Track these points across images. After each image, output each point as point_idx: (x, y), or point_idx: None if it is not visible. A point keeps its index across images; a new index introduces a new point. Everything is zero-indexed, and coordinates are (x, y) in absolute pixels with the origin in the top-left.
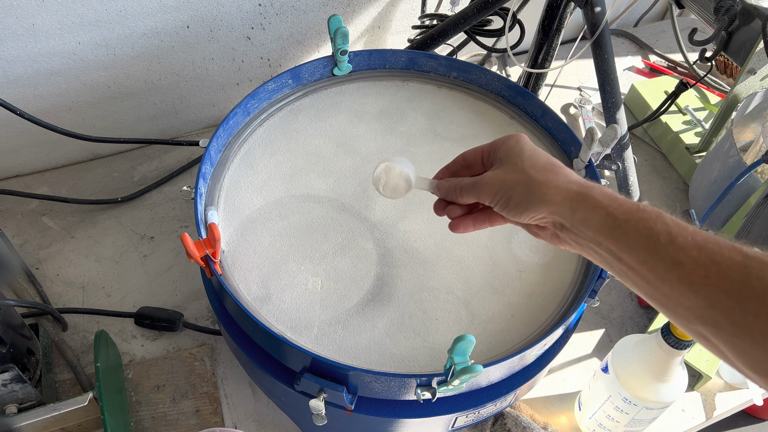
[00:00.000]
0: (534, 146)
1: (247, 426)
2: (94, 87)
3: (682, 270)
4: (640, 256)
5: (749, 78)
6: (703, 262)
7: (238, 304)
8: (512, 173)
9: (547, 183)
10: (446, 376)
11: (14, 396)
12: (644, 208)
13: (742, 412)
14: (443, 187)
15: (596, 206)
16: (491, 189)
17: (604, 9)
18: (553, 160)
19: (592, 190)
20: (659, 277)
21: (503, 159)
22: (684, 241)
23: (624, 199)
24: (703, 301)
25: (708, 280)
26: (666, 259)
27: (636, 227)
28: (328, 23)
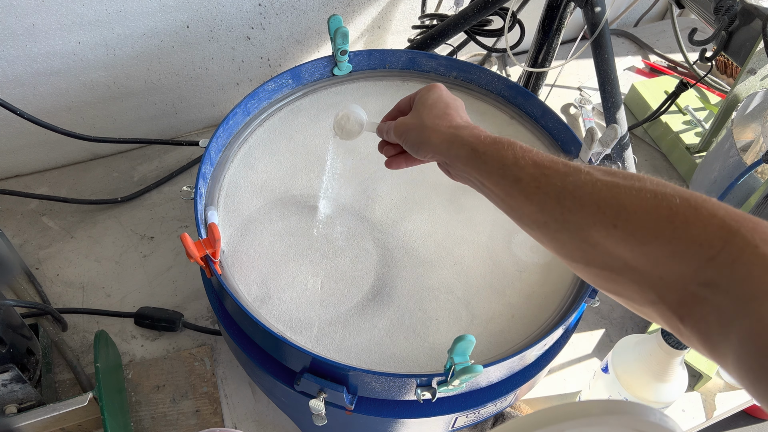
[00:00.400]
0: (440, 95)
1: (247, 426)
2: (94, 87)
3: (521, 184)
4: (493, 178)
5: (749, 78)
6: (536, 176)
7: (238, 304)
8: (413, 119)
9: (433, 128)
10: (446, 376)
11: (14, 396)
12: (499, 140)
13: (742, 412)
14: (379, 129)
15: (463, 144)
16: (398, 131)
17: (604, 9)
18: (450, 106)
19: (463, 130)
20: (508, 193)
21: (415, 105)
22: (524, 161)
23: (486, 135)
24: (536, 206)
25: (539, 189)
26: (510, 178)
27: (491, 156)
28: (328, 23)
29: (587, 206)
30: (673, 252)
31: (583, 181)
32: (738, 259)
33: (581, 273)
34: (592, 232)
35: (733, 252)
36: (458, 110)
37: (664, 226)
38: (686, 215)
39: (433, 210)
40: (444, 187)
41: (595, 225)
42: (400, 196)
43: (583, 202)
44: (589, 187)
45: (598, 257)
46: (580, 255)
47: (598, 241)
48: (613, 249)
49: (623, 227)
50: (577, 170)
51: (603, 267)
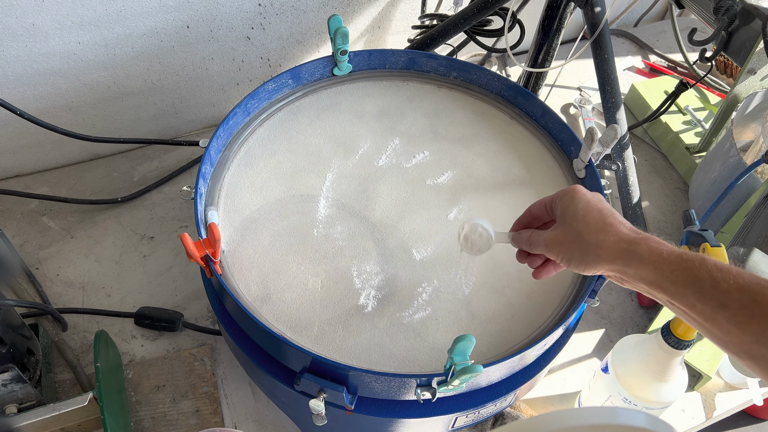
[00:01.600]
0: (588, 201)
1: (247, 426)
2: (94, 87)
3: (728, 311)
4: (689, 301)
5: (749, 78)
6: (746, 303)
7: (238, 304)
8: (568, 235)
9: (599, 245)
10: (446, 376)
11: (14, 396)
12: (687, 257)
13: (742, 412)
14: (517, 240)
15: (643, 263)
16: (553, 250)
17: (604, 9)
18: (605, 214)
19: (639, 246)
20: (708, 319)
21: (560, 217)
22: (727, 285)
23: (669, 251)
24: (750, 337)
25: (752, 318)
26: (712, 303)
27: (682, 277)
28: (328, 23)
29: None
30: None
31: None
32: None
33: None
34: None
35: None
36: (615, 217)
37: None
38: None
39: (433, 210)
40: (444, 187)
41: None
42: (400, 196)
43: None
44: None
45: None
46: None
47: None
48: None
49: None
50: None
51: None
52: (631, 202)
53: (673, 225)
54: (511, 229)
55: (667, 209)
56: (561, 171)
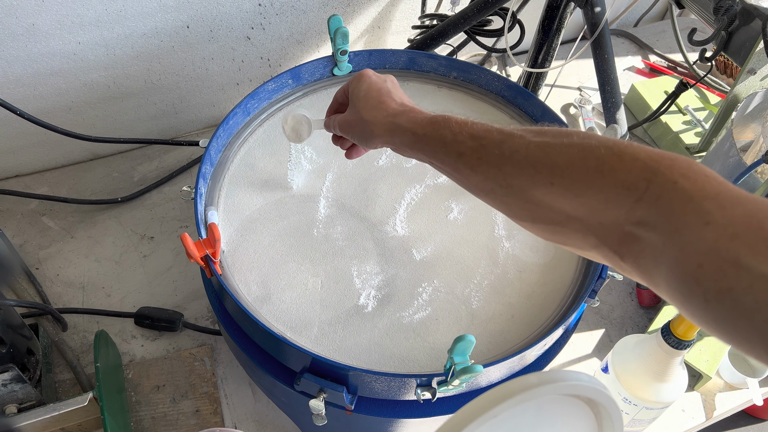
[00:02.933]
0: (371, 83)
1: (247, 426)
2: (94, 87)
3: (463, 158)
4: (438, 157)
5: (749, 78)
6: (475, 148)
7: (238, 304)
8: (352, 114)
9: (373, 121)
10: (446, 376)
11: (14, 396)
12: (435, 119)
13: (742, 412)
14: (327, 124)
15: (404, 132)
16: (345, 130)
17: (604, 9)
18: (382, 93)
19: (400, 117)
20: (454, 168)
21: (350, 99)
22: (462, 136)
23: (422, 117)
24: (481, 176)
25: (480, 160)
26: (453, 154)
27: (431, 137)
28: (328, 23)
29: (525, 169)
30: (606, 198)
31: (518, 145)
32: (660, 196)
33: (530, 229)
34: (533, 192)
35: (656, 190)
36: (391, 94)
37: (594, 176)
38: (612, 163)
39: (433, 210)
40: (444, 187)
41: (535, 185)
42: (400, 196)
43: (521, 165)
44: (524, 151)
45: (542, 214)
46: (526, 214)
47: (540, 199)
48: (554, 204)
49: (559, 183)
50: (512, 135)
51: (548, 222)
52: None
53: None
54: (326, 116)
55: None
56: None
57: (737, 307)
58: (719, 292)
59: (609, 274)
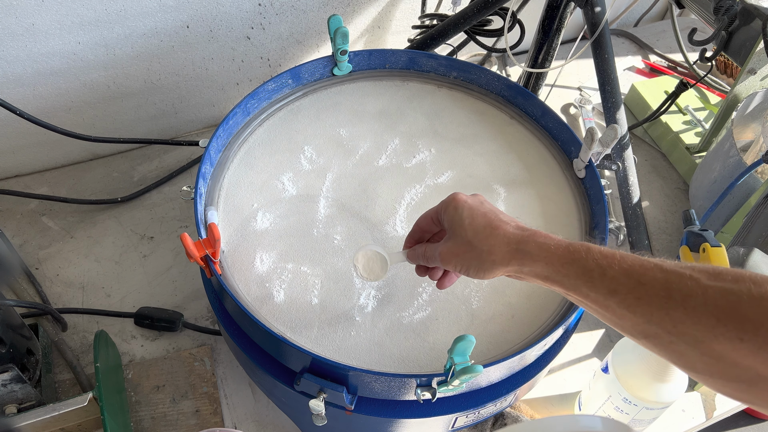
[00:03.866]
0: (471, 208)
1: (247, 426)
2: (94, 87)
3: (617, 296)
4: (582, 291)
5: (749, 78)
6: (632, 286)
7: (238, 304)
8: (461, 246)
9: (491, 250)
10: (446, 376)
11: (14, 396)
12: (573, 248)
13: (742, 412)
14: (413, 256)
15: (534, 260)
16: (449, 262)
17: (604, 9)
18: (490, 218)
19: (528, 245)
20: (602, 306)
21: (449, 229)
22: (613, 271)
23: (556, 245)
24: (641, 318)
25: (640, 300)
26: (603, 291)
27: (572, 269)
28: (328, 23)
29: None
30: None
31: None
32: None
33: (707, 384)
34: (714, 345)
35: None
36: (500, 218)
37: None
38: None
39: None
40: (444, 187)
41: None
42: (400, 196)
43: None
44: (700, 297)
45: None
46: (702, 367)
47: (722, 354)
48: (742, 361)
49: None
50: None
51: (732, 378)
52: (631, 202)
53: (673, 225)
54: (404, 247)
55: (667, 209)
56: (561, 171)
57: None
58: None
59: None
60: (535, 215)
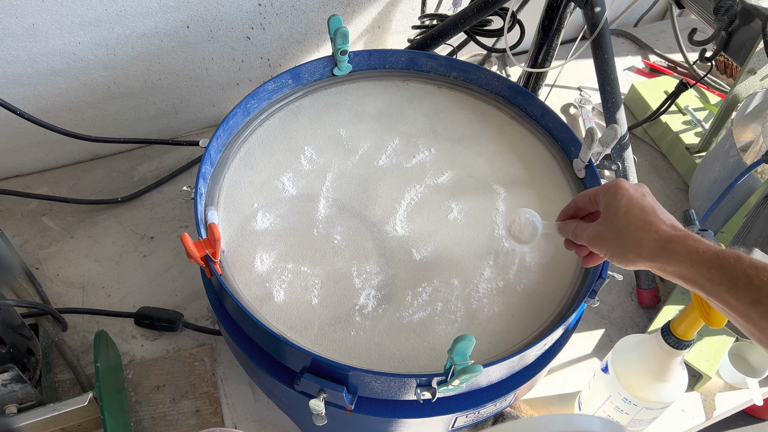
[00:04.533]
0: (630, 198)
1: (247, 426)
2: (94, 87)
3: (760, 308)
4: (723, 298)
5: (749, 78)
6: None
7: (238, 304)
8: (610, 232)
9: (639, 243)
10: (446, 376)
11: (14, 396)
12: (723, 254)
13: (742, 412)
14: (563, 230)
15: (680, 261)
16: (596, 244)
17: (604, 9)
18: (647, 212)
19: (676, 245)
20: (742, 315)
21: (604, 212)
22: (760, 282)
23: (705, 249)
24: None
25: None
26: (745, 300)
27: (717, 275)
28: (328, 23)
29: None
30: None
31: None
32: None
33: None
34: None
35: None
36: (657, 213)
37: None
38: None
39: (433, 210)
40: (444, 187)
41: None
42: (400, 196)
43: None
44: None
45: None
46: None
47: None
48: None
49: None
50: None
51: None
52: None
53: None
54: (558, 219)
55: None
56: (561, 171)
57: None
58: None
59: (609, 274)
60: None
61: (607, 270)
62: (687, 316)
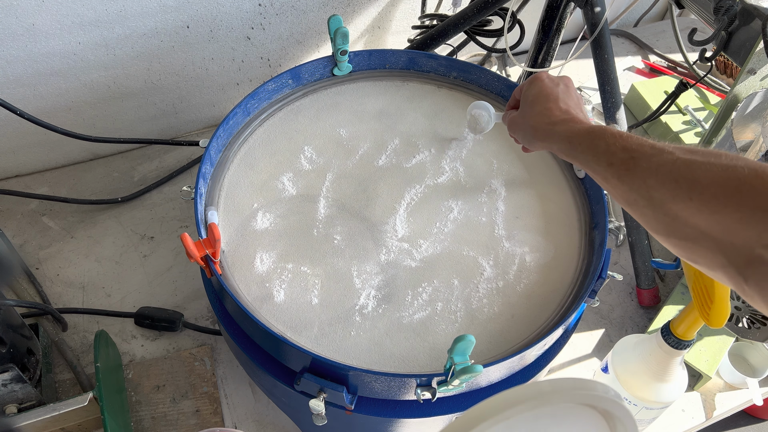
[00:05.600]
0: (542, 87)
1: (247, 426)
2: (94, 87)
3: (613, 169)
4: (590, 166)
5: (749, 78)
6: (625, 159)
7: (238, 304)
8: (520, 117)
9: (535, 126)
10: (446, 376)
11: (14, 396)
12: (592, 129)
13: (742, 412)
14: (503, 119)
15: (561, 139)
16: (511, 128)
17: (604, 9)
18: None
19: (560, 126)
20: (603, 178)
21: (521, 101)
22: (615, 147)
23: (580, 128)
24: (627, 186)
25: (628, 171)
26: (603, 164)
27: (586, 147)
28: (328, 23)
29: (667, 183)
30: (741, 218)
31: (666, 160)
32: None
33: (665, 243)
34: (672, 205)
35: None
36: (558, 101)
37: (732, 194)
38: (753, 184)
39: (433, 210)
40: (444, 187)
41: (674, 199)
42: (400, 196)
43: (665, 179)
44: (669, 166)
45: (677, 228)
46: (662, 227)
47: (677, 213)
48: (690, 219)
49: (698, 199)
50: (662, 151)
51: (682, 237)
52: None
53: None
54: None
55: None
56: (561, 171)
57: None
58: None
59: (609, 274)
60: (535, 215)
61: (607, 270)
62: (687, 316)
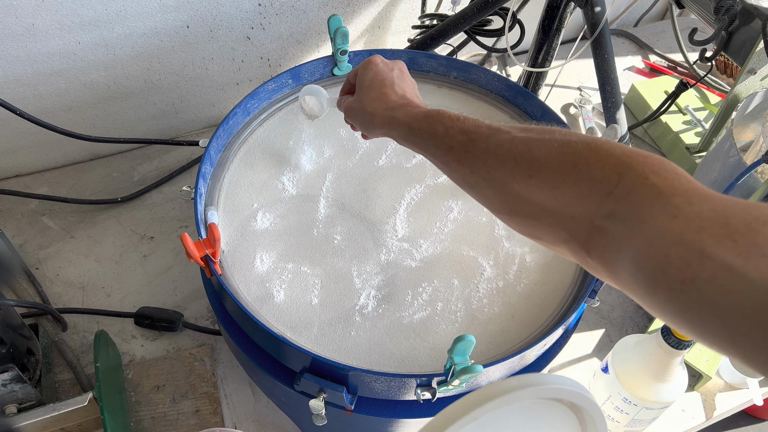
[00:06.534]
0: (377, 72)
1: (247, 426)
2: (94, 87)
3: (453, 151)
4: (430, 150)
5: (749, 78)
6: (464, 141)
7: (238, 304)
8: (357, 102)
9: (373, 112)
10: (446, 376)
11: (14, 396)
12: (429, 113)
13: (742, 412)
14: (338, 104)
15: (400, 124)
16: (348, 114)
17: (604, 9)
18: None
19: (398, 111)
20: (443, 162)
21: (356, 86)
22: (453, 131)
23: (418, 112)
24: (467, 168)
25: (468, 153)
26: (443, 147)
27: (425, 131)
28: (328, 23)
29: (507, 162)
30: (580, 192)
31: (503, 139)
32: (631, 190)
33: (508, 222)
34: (513, 184)
35: (627, 185)
36: (393, 86)
37: (569, 170)
38: (587, 157)
39: (433, 210)
40: (444, 187)
41: (515, 178)
42: (400, 196)
43: (504, 159)
44: (507, 145)
45: (519, 207)
46: (505, 207)
47: (519, 192)
48: (531, 197)
49: (537, 176)
50: (499, 131)
51: (524, 215)
52: None
53: None
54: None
55: None
56: None
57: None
58: (683, 282)
59: None
60: None
61: None
62: None
